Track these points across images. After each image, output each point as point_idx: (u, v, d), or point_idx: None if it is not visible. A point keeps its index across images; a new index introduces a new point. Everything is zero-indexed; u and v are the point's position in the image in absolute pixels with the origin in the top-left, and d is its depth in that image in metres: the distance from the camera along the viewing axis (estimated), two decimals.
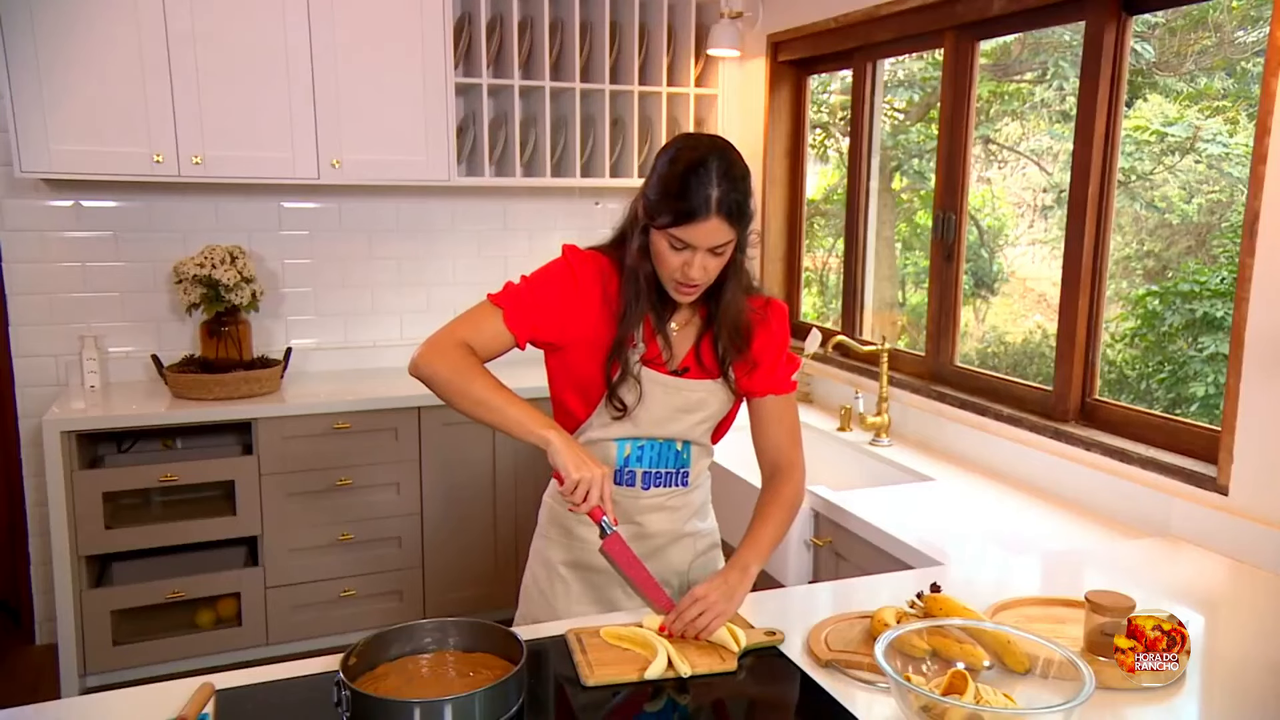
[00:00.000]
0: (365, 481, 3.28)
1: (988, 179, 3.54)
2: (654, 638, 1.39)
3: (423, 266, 3.78)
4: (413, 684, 1.28)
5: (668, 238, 1.50)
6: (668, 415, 1.65)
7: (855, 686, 1.33)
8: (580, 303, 1.60)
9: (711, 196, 1.46)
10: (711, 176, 1.47)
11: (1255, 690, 1.37)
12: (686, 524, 1.75)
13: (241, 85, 3.10)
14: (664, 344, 1.63)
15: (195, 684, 1.28)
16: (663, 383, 1.63)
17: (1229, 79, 2.67)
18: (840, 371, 3.21)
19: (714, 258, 1.52)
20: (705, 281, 1.54)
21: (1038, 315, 3.37)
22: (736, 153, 1.54)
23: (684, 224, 1.47)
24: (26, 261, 3.26)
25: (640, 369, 1.62)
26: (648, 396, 1.62)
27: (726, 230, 1.49)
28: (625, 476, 1.68)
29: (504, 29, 3.47)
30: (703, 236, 1.48)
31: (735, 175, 1.50)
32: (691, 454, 1.71)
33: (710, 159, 1.48)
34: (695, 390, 1.65)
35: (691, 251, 1.50)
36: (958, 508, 2.27)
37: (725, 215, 1.47)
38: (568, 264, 1.62)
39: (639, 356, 1.62)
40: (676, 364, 1.65)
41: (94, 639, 3.02)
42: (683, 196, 1.47)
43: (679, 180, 1.48)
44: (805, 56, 3.38)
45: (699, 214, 1.46)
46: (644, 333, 1.62)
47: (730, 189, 1.48)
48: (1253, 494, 1.89)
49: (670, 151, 1.53)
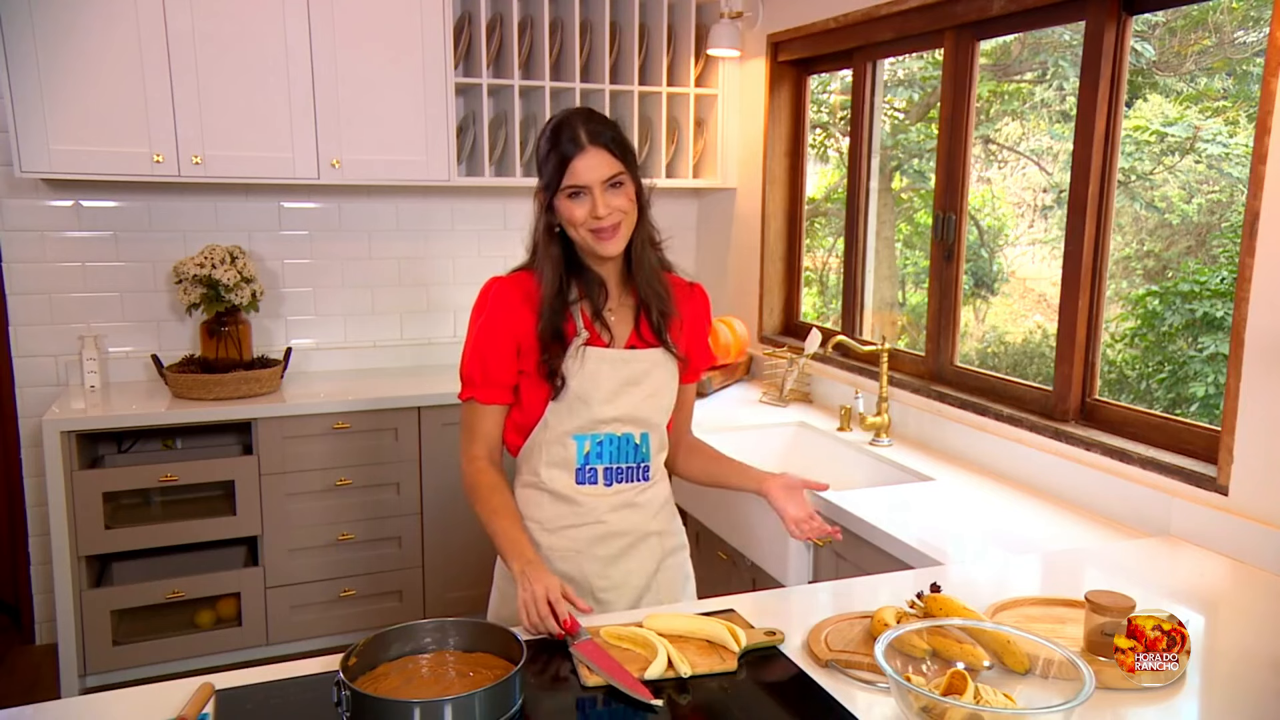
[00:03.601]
0: (365, 481, 3.28)
1: (988, 179, 3.54)
2: (654, 638, 1.39)
3: (423, 266, 3.78)
4: (413, 684, 1.27)
5: (564, 194, 1.58)
6: (616, 388, 1.67)
7: (855, 686, 1.33)
8: (514, 327, 1.65)
9: (580, 133, 1.56)
10: (575, 121, 1.58)
11: (1255, 690, 1.37)
12: (651, 522, 1.76)
13: (241, 85, 3.10)
14: (602, 328, 1.67)
15: (195, 684, 1.28)
16: (610, 358, 1.66)
17: (1229, 79, 2.67)
18: (840, 371, 3.21)
19: (615, 193, 1.58)
20: (618, 219, 1.59)
21: (1038, 315, 3.37)
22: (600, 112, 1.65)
23: (565, 167, 1.56)
24: (26, 261, 3.26)
25: (584, 350, 1.65)
26: (595, 374, 1.65)
27: (609, 159, 1.57)
28: (588, 475, 1.69)
29: (504, 29, 3.47)
30: (588, 171, 1.56)
31: (599, 118, 1.60)
32: (650, 446, 1.74)
33: (571, 114, 1.60)
34: (640, 360, 1.69)
35: (589, 193, 1.57)
36: (958, 508, 2.27)
37: (601, 145, 1.56)
38: (487, 301, 1.68)
39: (583, 341, 1.66)
40: (620, 345, 1.70)
41: (94, 639, 3.02)
42: (555, 146, 1.57)
43: (549, 138, 1.59)
44: (805, 56, 3.38)
45: (573, 151, 1.56)
46: (583, 321, 1.66)
47: (598, 126, 1.58)
48: (1253, 494, 1.89)
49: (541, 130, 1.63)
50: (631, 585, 1.74)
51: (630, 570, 1.73)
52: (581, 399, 1.66)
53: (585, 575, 1.72)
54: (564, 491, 1.69)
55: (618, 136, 1.60)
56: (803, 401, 3.32)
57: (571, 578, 1.71)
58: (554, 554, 1.71)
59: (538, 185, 1.63)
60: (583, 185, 1.57)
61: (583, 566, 1.72)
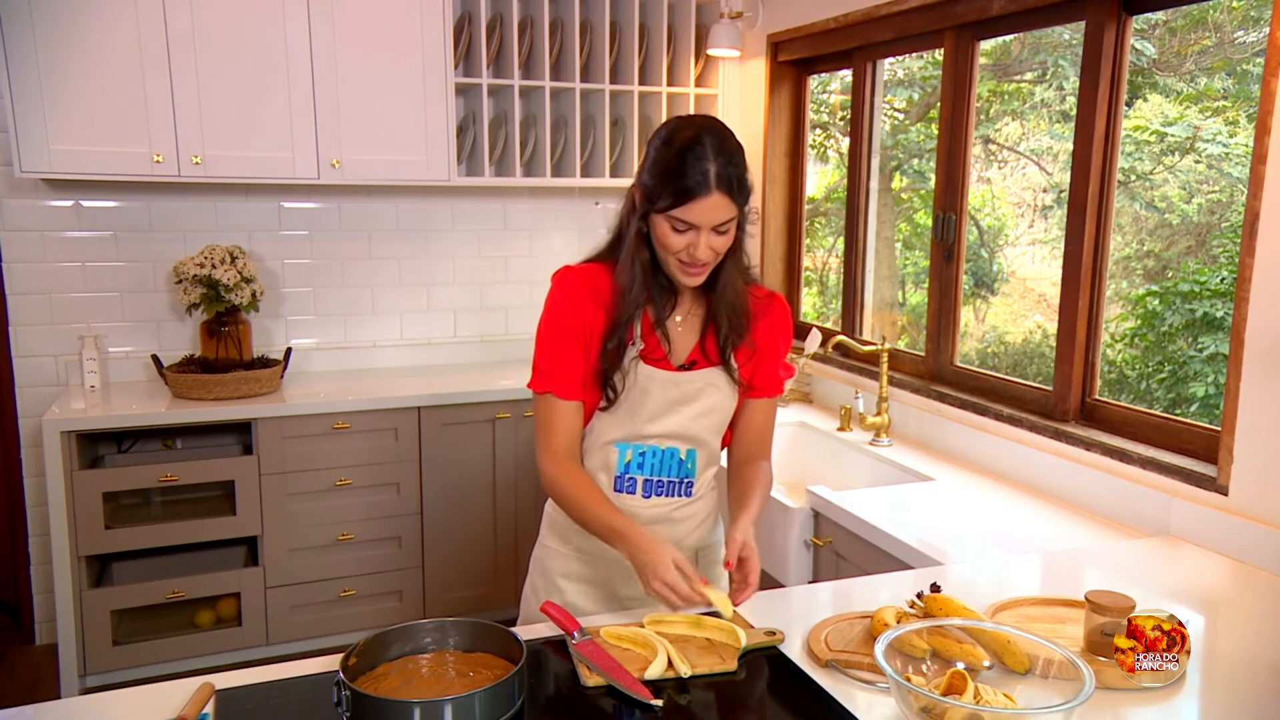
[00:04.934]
0: (365, 481, 3.28)
1: (988, 179, 3.54)
2: (654, 638, 1.39)
3: (423, 266, 3.78)
4: (413, 684, 1.27)
5: (669, 220, 1.49)
6: (664, 408, 1.61)
7: (855, 686, 1.33)
8: (585, 325, 1.59)
9: (710, 172, 1.45)
10: (707, 152, 1.46)
11: (1255, 690, 1.37)
12: (689, 537, 1.71)
13: (241, 85, 3.10)
14: (663, 338, 1.61)
15: (195, 684, 1.28)
16: (660, 379, 1.60)
17: (1229, 79, 2.67)
18: (840, 371, 3.21)
19: (719, 236, 1.51)
20: (712, 261, 1.53)
21: (1038, 315, 3.37)
22: (729, 130, 1.53)
23: (685, 202, 1.46)
24: (26, 261, 3.26)
25: (636, 364, 1.59)
26: (644, 393, 1.60)
27: (728, 206, 1.48)
28: (626, 484, 1.65)
29: (504, 29, 3.47)
30: (704, 214, 1.47)
31: (730, 150, 1.49)
32: (697, 463, 1.67)
33: (704, 136, 1.48)
34: (692, 381, 1.62)
35: (695, 232, 1.49)
36: (958, 508, 2.27)
37: (725, 190, 1.47)
38: (557, 295, 1.61)
39: (636, 353, 1.59)
40: (680, 359, 1.62)
41: (94, 639, 3.02)
42: (681, 175, 1.46)
43: (676, 159, 1.47)
44: (805, 56, 3.38)
45: (699, 191, 1.45)
46: (643, 328, 1.60)
47: (727, 163, 1.47)
48: (1253, 494, 1.89)
49: (664, 133, 1.52)
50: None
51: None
52: (628, 413, 1.61)
53: (610, 581, 1.69)
54: None
55: (742, 177, 1.50)
56: (803, 401, 3.32)
57: (599, 583, 1.69)
58: (583, 556, 1.69)
59: (643, 184, 1.52)
60: (692, 224, 1.48)
61: (610, 572, 1.69)
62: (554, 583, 1.73)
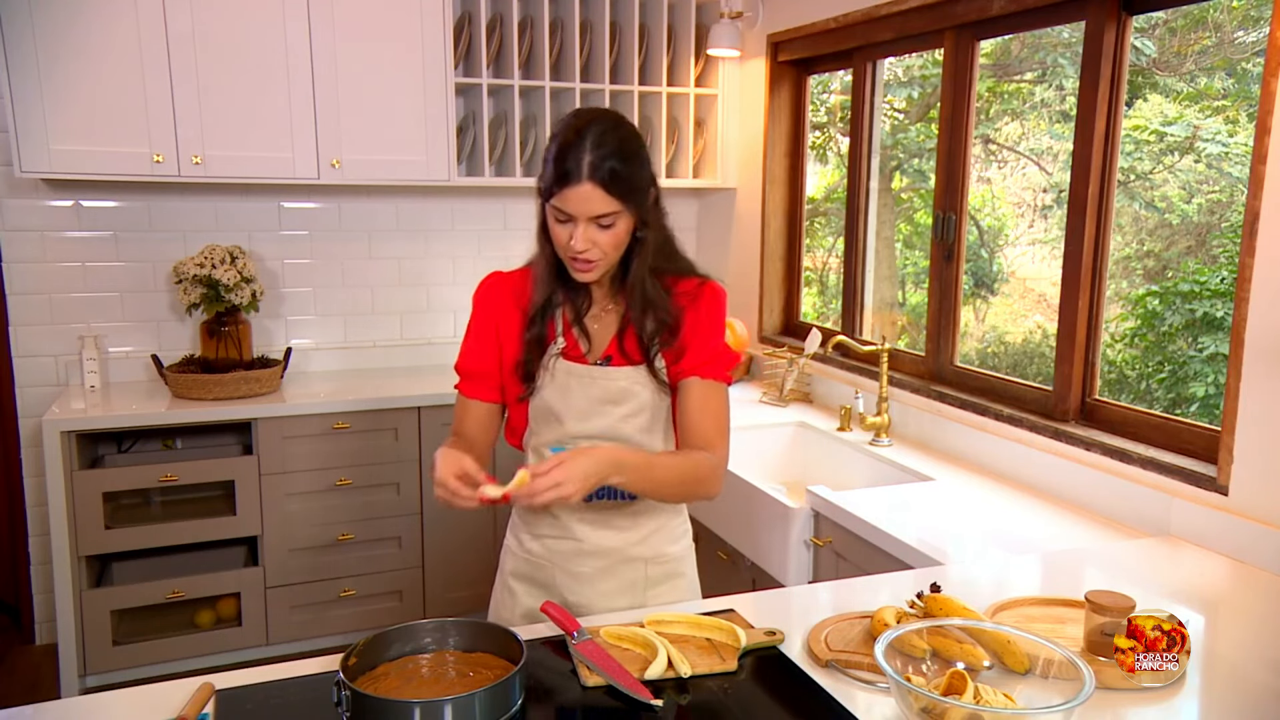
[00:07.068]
0: (365, 481, 3.28)
1: (988, 179, 3.54)
2: (654, 638, 1.39)
3: (423, 266, 3.78)
4: (412, 684, 1.27)
5: (552, 210, 1.49)
6: (589, 407, 1.59)
7: (855, 686, 1.33)
8: (500, 326, 1.62)
9: (584, 161, 1.44)
10: (586, 143, 1.45)
11: (1255, 690, 1.37)
12: (638, 547, 1.66)
13: (241, 85, 3.10)
14: (580, 334, 1.61)
15: (195, 684, 1.28)
16: (579, 374, 1.59)
17: (1229, 79, 2.67)
18: (840, 371, 3.21)
19: (600, 230, 1.48)
20: (597, 257, 1.51)
21: (1038, 315, 3.37)
22: (624, 125, 1.50)
23: (559, 190, 1.46)
24: (26, 261, 3.26)
25: (556, 361, 1.59)
26: (565, 390, 1.59)
27: (603, 198, 1.45)
28: None
29: (504, 29, 3.47)
30: (577, 203, 1.46)
31: (611, 142, 1.46)
32: None
33: (591, 126, 1.46)
34: (616, 379, 1.59)
35: (574, 223, 1.48)
36: (958, 508, 2.27)
37: (599, 182, 1.44)
38: (475, 299, 1.65)
39: (557, 350, 1.60)
40: (598, 355, 1.61)
41: (94, 639, 3.02)
42: (559, 162, 1.46)
43: (557, 147, 1.47)
44: (805, 56, 3.38)
45: (571, 178, 1.45)
46: (563, 326, 1.61)
47: (605, 155, 1.45)
48: (1253, 494, 1.89)
49: (559, 123, 1.53)
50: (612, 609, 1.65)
51: (607, 593, 1.65)
52: (554, 413, 1.60)
53: (558, 586, 1.66)
54: None
55: (621, 171, 1.46)
56: (803, 401, 3.32)
57: (545, 586, 1.67)
58: (533, 559, 1.69)
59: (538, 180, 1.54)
60: (569, 214, 1.48)
61: (556, 578, 1.66)
62: (506, 582, 1.74)
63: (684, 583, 1.73)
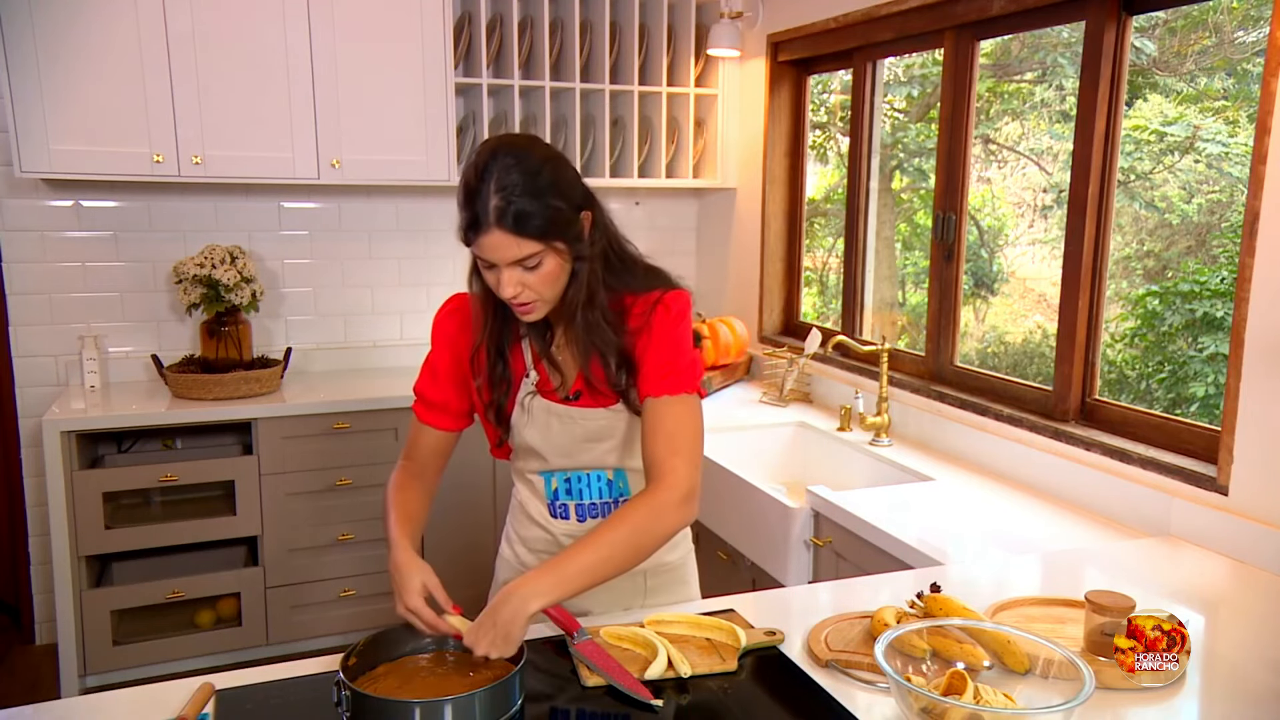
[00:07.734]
0: (365, 481, 3.28)
1: (988, 179, 3.54)
2: (654, 638, 1.39)
3: (423, 266, 3.78)
4: (412, 684, 1.28)
5: (475, 256, 1.41)
6: (573, 445, 1.55)
7: (855, 686, 1.33)
8: (462, 355, 1.55)
9: (489, 206, 1.32)
10: (489, 186, 1.33)
11: (1255, 690, 1.37)
12: None
13: (241, 85, 3.10)
14: (550, 369, 1.53)
15: (195, 684, 1.28)
16: (559, 413, 1.53)
17: (1229, 79, 2.67)
18: (840, 371, 3.21)
19: (529, 272, 1.37)
20: (531, 299, 1.40)
21: (1038, 315, 3.37)
22: (532, 155, 1.37)
23: (473, 238, 1.36)
24: (26, 261, 3.26)
25: (533, 400, 1.53)
26: (546, 429, 1.54)
27: (516, 242, 1.34)
28: (559, 510, 1.60)
29: (504, 29, 3.47)
30: (491, 251, 1.35)
31: (513, 181, 1.33)
32: (628, 481, 1.59)
33: (491, 165, 1.34)
34: (593, 419, 1.53)
35: (497, 269, 1.38)
36: (958, 508, 2.27)
37: (508, 228, 1.33)
38: (436, 323, 1.57)
39: (533, 385, 1.54)
40: (568, 389, 1.54)
41: (94, 639, 3.02)
42: (467, 209, 1.36)
43: (463, 191, 1.36)
44: (805, 56, 3.38)
45: (479, 227, 1.34)
46: (531, 358, 1.54)
47: (508, 196, 1.32)
48: (1253, 494, 1.89)
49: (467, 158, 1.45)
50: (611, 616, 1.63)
51: (607, 602, 1.63)
52: (536, 451, 1.56)
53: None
54: (539, 519, 1.63)
55: (532, 210, 1.33)
56: (803, 401, 3.32)
57: None
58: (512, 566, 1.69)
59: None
60: (490, 261, 1.37)
61: None
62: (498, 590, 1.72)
63: (685, 589, 1.72)
